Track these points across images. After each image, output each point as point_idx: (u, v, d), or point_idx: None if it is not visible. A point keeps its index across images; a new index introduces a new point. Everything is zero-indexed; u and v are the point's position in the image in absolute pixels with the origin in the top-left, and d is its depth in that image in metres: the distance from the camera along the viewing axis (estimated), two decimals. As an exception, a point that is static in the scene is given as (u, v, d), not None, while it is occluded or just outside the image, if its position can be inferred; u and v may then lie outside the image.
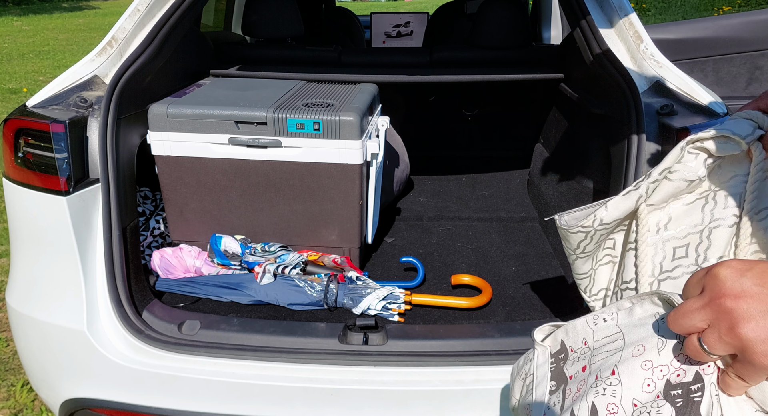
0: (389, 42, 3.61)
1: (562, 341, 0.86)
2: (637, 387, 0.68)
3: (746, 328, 0.55)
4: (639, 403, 0.67)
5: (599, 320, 0.81)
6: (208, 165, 1.66)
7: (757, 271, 0.57)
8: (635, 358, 0.70)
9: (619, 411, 0.68)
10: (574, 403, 0.74)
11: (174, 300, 1.61)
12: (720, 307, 0.57)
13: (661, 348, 0.68)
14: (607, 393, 0.70)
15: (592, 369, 0.77)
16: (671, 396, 0.66)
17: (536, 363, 0.90)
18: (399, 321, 1.52)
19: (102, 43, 1.52)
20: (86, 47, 9.65)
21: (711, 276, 0.59)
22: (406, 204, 2.37)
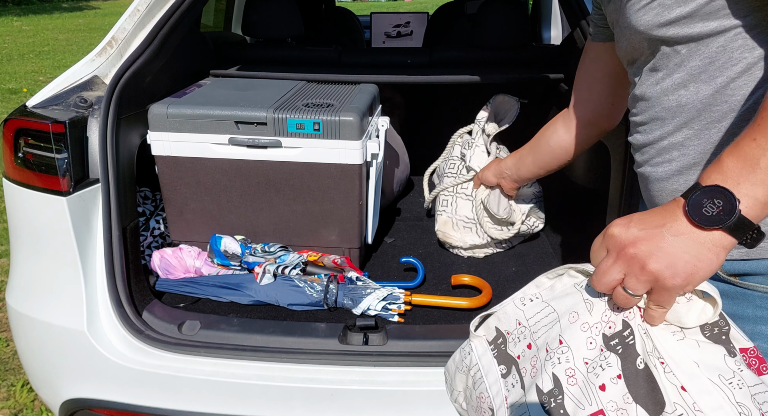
0: (389, 42, 3.61)
1: (496, 327, 0.93)
2: (583, 348, 0.78)
3: (652, 263, 0.68)
4: (589, 360, 0.77)
5: (526, 300, 0.89)
6: (208, 165, 1.66)
7: (636, 219, 0.71)
8: (573, 324, 0.79)
9: (576, 373, 0.77)
10: (535, 378, 0.81)
11: (174, 301, 1.61)
12: (626, 256, 0.70)
13: (591, 309, 0.79)
14: (561, 361, 0.78)
15: (538, 344, 0.84)
16: (611, 346, 0.76)
17: (477, 353, 0.95)
18: (399, 321, 1.52)
19: (102, 43, 1.52)
20: (86, 47, 9.65)
21: (608, 237, 0.72)
22: (406, 204, 2.37)
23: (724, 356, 0.74)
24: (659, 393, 0.72)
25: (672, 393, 0.72)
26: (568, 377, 0.78)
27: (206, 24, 2.93)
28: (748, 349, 0.76)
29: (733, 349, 0.75)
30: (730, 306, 0.79)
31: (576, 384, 0.77)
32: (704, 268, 0.67)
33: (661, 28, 0.79)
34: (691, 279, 0.68)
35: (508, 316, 0.92)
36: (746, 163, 0.65)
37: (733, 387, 0.72)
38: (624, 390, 0.74)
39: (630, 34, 0.86)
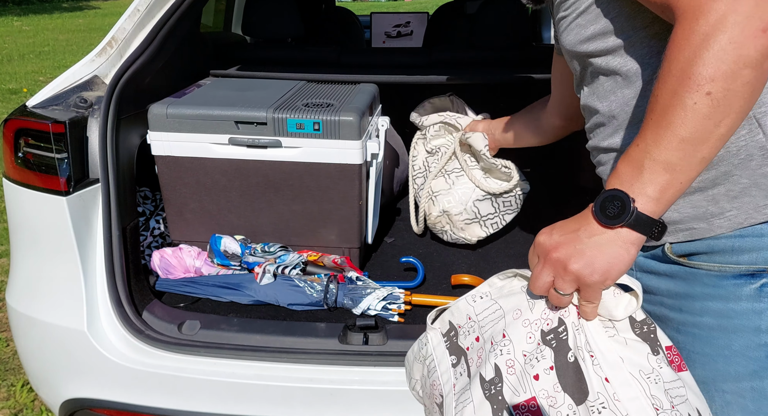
0: (389, 42, 3.60)
1: (449, 321, 1.02)
2: (523, 342, 0.87)
3: (572, 264, 0.77)
4: (527, 353, 0.86)
5: (476, 297, 0.99)
6: (208, 165, 1.66)
7: (558, 227, 0.81)
8: (516, 320, 0.89)
9: (515, 363, 0.86)
10: (480, 368, 0.90)
11: (174, 300, 1.61)
12: (551, 261, 0.79)
13: (532, 308, 0.88)
14: (503, 352, 0.88)
15: (485, 337, 0.93)
16: (547, 340, 0.85)
17: (432, 344, 1.05)
18: (399, 321, 1.52)
19: (102, 43, 1.52)
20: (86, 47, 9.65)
21: (535, 245, 0.83)
22: (406, 204, 2.37)
23: (648, 354, 0.82)
24: (584, 384, 0.80)
25: (596, 384, 0.80)
26: (508, 367, 0.87)
27: (206, 24, 2.93)
28: (671, 347, 0.84)
29: (658, 347, 0.83)
30: (682, 286, 0.86)
31: (514, 373, 0.86)
32: (618, 264, 0.76)
33: (582, 44, 0.90)
34: (608, 275, 0.76)
35: (460, 311, 1.01)
36: (634, 166, 0.74)
37: (650, 382, 0.80)
38: (555, 380, 0.82)
39: (565, 53, 0.98)
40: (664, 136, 0.71)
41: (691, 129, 0.69)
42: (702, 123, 0.69)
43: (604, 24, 0.85)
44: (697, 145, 0.70)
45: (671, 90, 0.70)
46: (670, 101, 0.70)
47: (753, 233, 0.80)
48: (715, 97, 0.67)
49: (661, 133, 0.71)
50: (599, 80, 0.92)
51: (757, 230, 0.80)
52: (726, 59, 0.65)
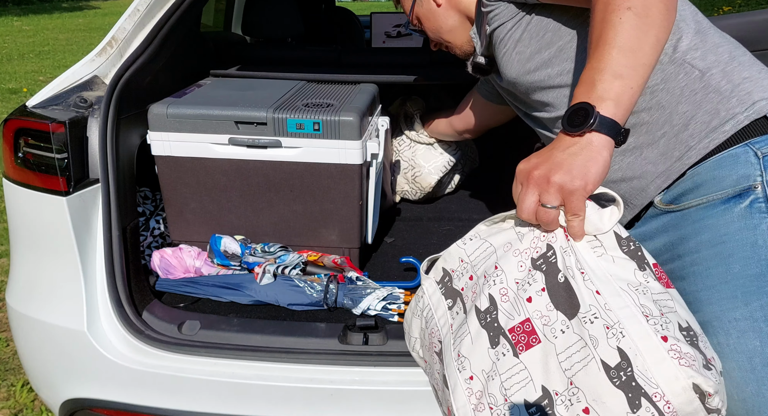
0: (389, 42, 3.60)
1: (443, 268, 1.06)
2: (515, 271, 0.92)
3: (553, 176, 0.83)
4: (519, 280, 0.91)
5: (466, 240, 1.04)
6: (208, 165, 1.66)
7: (533, 154, 0.88)
8: (507, 252, 0.94)
9: (509, 291, 0.91)
10: (475, 301, 0.94)
11: (174, 301, 1.61)
12: (533, 179, 0.84)
13: (521, 239, 0.93)
14: (497, 282, 0.92)
15: (478, 274, 0.97)
16: (537, 265, 0.90)
17: (428, 294, 1.08)
18: (399, 321, 1.52)
19: (102, 43, 1.52)
20: (86, 47, 9.65)
21: (517, 173, 0.88)
22: (406, 204, 2.37)
23: (635, 270, 0.86)
24: (576, 299, 0.85)
25: (588, 297, 0.84)
26: (502, 295, 0.91)
27: (206, 24, 2.93)
28: (657, 265, 0.89)
29: (645, 264, 0.87)
30: (675, 234, 0.92)
31: (508, 300, 0.91)
32: (593, 165, 0.82)
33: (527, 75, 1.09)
34: (587, 178, 0.82)
35: (452, 256, 1.04)
36: (588, 84, 0.83)
37: (639, 293, 0.84)
38: (547, 300, 0.87)
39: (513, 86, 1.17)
40: (604, 52, 0.82)
41: (623, 40, 0.81)
42: (631, 33, 0.80)
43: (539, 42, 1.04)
44: (633, 52, 0.81)
45: (601, 18, 0.82)
46: (602, 26, 0.82)
47: (728, 157, 0.88)
48: (635, 11, 0.80)
49: (601, 51, 0.82)
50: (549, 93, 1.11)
51: (732, 154, 0.87)
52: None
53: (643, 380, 0.78)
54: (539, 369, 0.85)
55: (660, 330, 0.80)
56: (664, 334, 0.80)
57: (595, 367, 0.80)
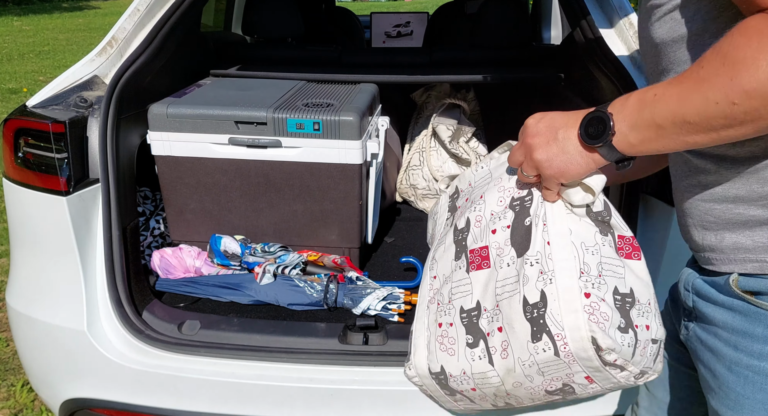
0: (389, 42, 3.60)
1: (456, 186, 1.21)
2: (494, 203, 1.03)
3: (536, 154, 0.84)
4: (494, 213, 1.02)
5: (479, 168, 1.15)
6: (208, 165, 1.66)
7: (548, 117, 0.85)
8: (495, 186, 1.04)
9: (483, 219, 1.04)
10: (458, 220, 1.11)
11: (174, 300, 1.61)
12: (526, 144, 0.86)
13: (510, 177, 1.02)
14: (476, 210, 1.05)
15: (471, 198, 1.11)
16: (513, 206, 1.00)
17: (440, 203, 1.26)
18: (399, 321, 1.52)
19: (102, 43, 1.52)
20: (86, 47, 9.65)
21: (524, 126, 0.88)
22: (406, 204, 2.37)
23: (595, 233, 0.94)
24: (529, 242, 0.95)
25: (538, 244, 0.94)
26: (476, 221, 1.05)
27: (206, 24, 2.93)
28: (625, 237, 0.96)
29: (609, 233, 0.95)
30: (742, 323, 0.79)
31: (479, 226, 1.04)
32: (574, 168, 0.83)
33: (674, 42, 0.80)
34: (563, 175, 0.84)
35: (465, 178, 1.17)
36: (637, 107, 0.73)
37: (588, 253, 0.93)
38: (508, 236, 0.99)
39: (646, 43, 0.88)
40: (675, 106, 0.68)
41: (697, 118, 0.66)
42: (711, 121, 0.65)
43: (701, 24, 0.75)
44: (695, 132, 0.68)
45: (710, 73, 0.64)
46: (701, 82, 0.65)
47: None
48: (738, 109, 0.62)
49: (675, 101, 0.68)
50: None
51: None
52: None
53: (551, 321, 0.92)
54: (480, 288, 1.03)
55: (588, 287, 0.91)
56: (589, 291, 0.91)
57: (518, 300, 0.95)
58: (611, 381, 0.97)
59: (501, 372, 1.01)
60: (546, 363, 0.95)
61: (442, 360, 1.08)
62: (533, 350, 0.95)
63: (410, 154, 2.29)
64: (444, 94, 2.35)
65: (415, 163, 2.26)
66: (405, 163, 2.29)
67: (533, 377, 0.98)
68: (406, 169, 2.28)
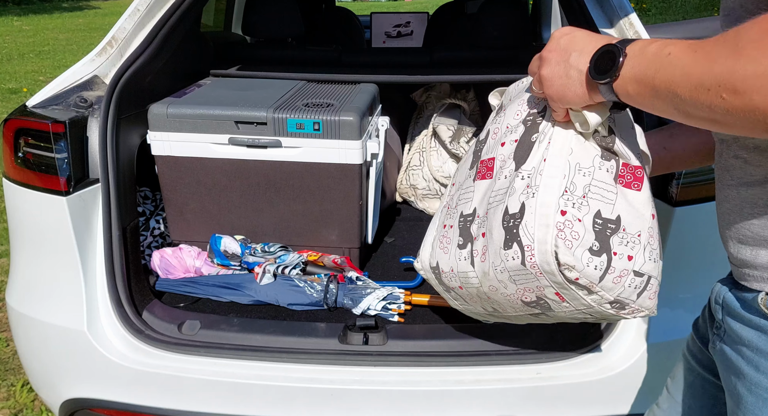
0: (389, 42, 3.60)
1: (501, 101, 1.20)
2: (511, 117, 1.06)
3: (543, 70, 0.85)
4: (509, 126, 1.05)
5: (520, 83, 1.15)
6: (208, 165, 1.66)
7: (571, 36, 0.83)
8: (517, 100, 1.08)
9: (498, 132, 1.08)
10: (482, 131, 1.16)
11: (174, 300, 1.61)
12: (542, 57, 0.86)
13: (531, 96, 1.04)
14: (496, 122, 1.11)
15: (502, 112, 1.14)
16: (525, 121, 1.03)
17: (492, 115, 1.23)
18: (399, 321, 1.52)
19: (102, 43, 1.52)
20: (86, 47, 9.64)
21: (551, 36, 0.86)
22: (406, 204, 2.37)
23: (596, 156, 0.95)
24: (528, 157, 0.99)
25: (535, 160, 0.97)
26: (493, 133, 1.10)
27: (206, 24, 2.93)
28: (630, 165, 0.96)
29: (613, 158, 0.95)
30: (764, 342, 0.77)
31: (495, 139, 1.08)
32: (571, 96, 0.83)
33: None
34: (560, 98, 0.85)
35: (508, 93, 1.18)
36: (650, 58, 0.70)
37: (580, 174, 0.94)
38: (513, 149, 1.02)
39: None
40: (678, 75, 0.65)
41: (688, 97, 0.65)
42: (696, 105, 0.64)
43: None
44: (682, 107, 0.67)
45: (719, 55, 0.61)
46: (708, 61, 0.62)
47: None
48: (724, 105, 0.61)
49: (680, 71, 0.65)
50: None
51: None
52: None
53: (524, 232, 0.96)
54: (479, 196, 1.09)
55: (568, 206, 0.94)
56: (566, 210, 0.94)
57: (501, 209, 1.00)
58: (581, 302, 1.01)
59: (479, 274, 1.08)
60: (515, 271, 1.00)
61: (438, 257, 1.18)
62: (504, 257, 1.00)
63: (410, 154, 2.29)
64: (444, 94, 2.35)
65: (416, 163, 2.26)
66: (405, 163, 2.29)
67: (506, 283, 1.04)
68: (407, 169, 2.28)
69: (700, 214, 1.28)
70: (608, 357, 1.36)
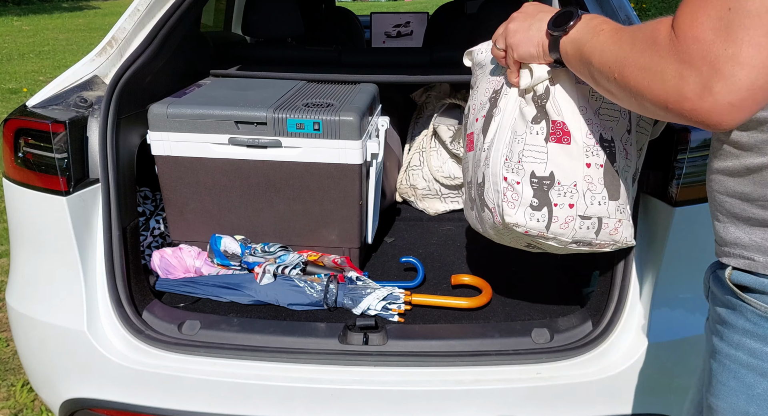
0: (389, 42, 3.60)
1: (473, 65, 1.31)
2: (482, 94, 1.22)
3: (511, 23, 1.03)
4: (482, 102, 1.21)
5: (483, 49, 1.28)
6: (208, 165, 1.66)
7: (540, 6, 1.02)
8: (484, 80, 1.23)
9: (473, 107, 1.24)
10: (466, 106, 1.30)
11: (174, 300, 1.61)
12: (511, 16, 1.03)
13: (500, 71, 1.19)
14: (473, 98, 1.26)
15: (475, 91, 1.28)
16: (491, 98, 1.18)
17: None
18: (399, 321, 1.52)
19: (102, 43, 1.52)
20: (86, 47, 9.64)
21: (522, 7, 1.05)
22: (406, 204, 2.37)
23: (529, 121, 1.09)
24: (488, 131, 1.16)
25: (491, 133, 1.15)
26: (472, 109, 1.25)
27: (206, 24, 2.93)
28: (557, 122, 1.08)
29: (544, 119, 1.08)
30: (729, 316, 0.81)
31: (472, 115, 1.25)
32: (525, 46, 1.01)
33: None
34: (518, 46, 1.02)
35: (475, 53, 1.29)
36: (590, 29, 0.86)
37: (515, 141, 1.11)
38: (482, 125, 1.19)
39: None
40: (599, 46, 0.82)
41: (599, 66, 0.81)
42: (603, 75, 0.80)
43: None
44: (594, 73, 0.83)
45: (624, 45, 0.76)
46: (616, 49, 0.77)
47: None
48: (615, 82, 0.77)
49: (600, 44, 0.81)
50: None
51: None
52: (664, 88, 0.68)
53: (487, 198, 1.16)
54: (471, 166, 1.25)
55: (507, 172, 1.11)
56: (507, 175, 1.11)
57: (476, 182, 1.20)
58: (554, 246, 1.18)
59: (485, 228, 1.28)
60: (498, 228, 1.19)
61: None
62: (486, 217, 1.20)
63: (410, 154, 2.29)
64: (444, 94, 2.35)
65: (415, 163, 2.26)
66: (405, 163, 2.29)
67: (501, 234, 1.23)
68: (406, 169, 2.28)
69: (700, 214, 1.28)
70: (608, 357, 1.36)
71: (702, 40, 0.64)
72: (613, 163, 1.10)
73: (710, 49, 0.64)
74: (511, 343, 1.40)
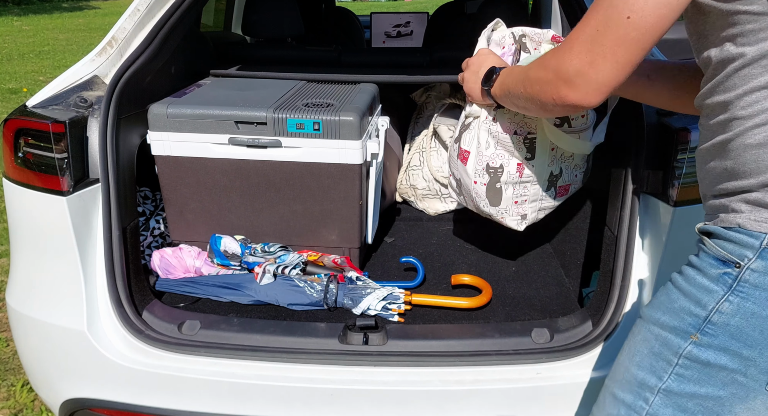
0: (389, 42, 3.60)
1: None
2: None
3: (466, 72, 1.39)
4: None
5: None
6: (208, 165, 1.66)
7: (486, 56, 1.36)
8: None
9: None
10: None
11: (174, 300, 1.61)
12: (470, 61, 1.39)
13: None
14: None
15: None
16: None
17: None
18: (399, 321, 1.52)
19: (102, 43, 1.52)
20: (86, 47, 9.64)
21: (477, 52, 1.42)
22: (406, 204, 2.37)
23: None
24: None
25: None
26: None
27: (206, 24, 2.93)
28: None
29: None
30: (690, 257, 0.96)
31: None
32: (474, 94, 1.37)
33: None
34: (468, 93, 1.40)
35: None
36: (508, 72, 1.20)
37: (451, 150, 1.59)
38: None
39: None
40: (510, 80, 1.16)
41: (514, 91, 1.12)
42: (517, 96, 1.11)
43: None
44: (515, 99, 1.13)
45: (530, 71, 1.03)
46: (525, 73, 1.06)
47: (747, 235, 0.89)
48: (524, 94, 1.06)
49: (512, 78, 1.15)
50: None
51: (753, 235, 0.88)
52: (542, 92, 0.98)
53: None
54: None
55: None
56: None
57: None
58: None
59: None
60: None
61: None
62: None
63: (410, 154, 2.29)
64: (444, 94, 2.35)
65: (416, 163, 2.26)
66: (405, 163, 2.29)
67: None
68: (407, 169, 2.28)
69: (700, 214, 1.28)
70: (608, 357, 1.36)
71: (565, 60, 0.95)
72: (496, 183, 1.51)
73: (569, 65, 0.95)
74: (511, 343, 1.40)
